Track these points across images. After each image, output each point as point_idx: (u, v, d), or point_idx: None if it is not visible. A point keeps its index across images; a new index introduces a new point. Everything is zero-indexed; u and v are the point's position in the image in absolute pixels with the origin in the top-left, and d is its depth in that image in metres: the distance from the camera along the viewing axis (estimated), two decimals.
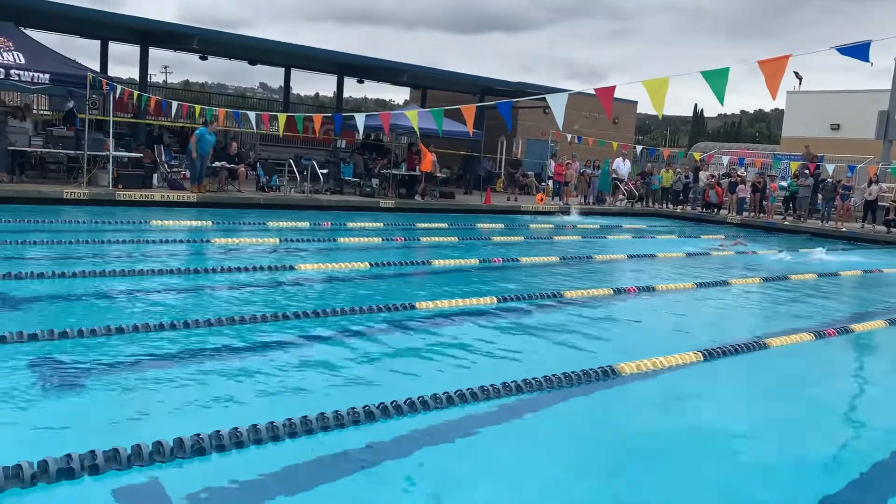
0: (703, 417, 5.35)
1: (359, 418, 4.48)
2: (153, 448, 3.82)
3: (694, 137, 77.50)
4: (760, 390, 6.21)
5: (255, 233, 13.34)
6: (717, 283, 10.87)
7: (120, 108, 18.95)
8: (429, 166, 20.32)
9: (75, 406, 4.56)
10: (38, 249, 9.74)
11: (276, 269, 9.49)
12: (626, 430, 4.98)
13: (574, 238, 16.60)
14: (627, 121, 33.03)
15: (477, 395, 5.04)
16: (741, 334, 7.75)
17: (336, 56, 23.09)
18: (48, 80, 14.99)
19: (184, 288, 8.34)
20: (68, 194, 14.67)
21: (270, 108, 29.38)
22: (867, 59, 6.03)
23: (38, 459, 3.54)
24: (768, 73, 6.35)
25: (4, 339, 5.49)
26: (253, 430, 4.12)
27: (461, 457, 4.30)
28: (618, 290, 9.79)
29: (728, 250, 15.63)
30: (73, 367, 5.16)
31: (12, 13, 16.74)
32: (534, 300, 8.77)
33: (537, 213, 21.86)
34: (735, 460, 4.58)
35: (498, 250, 13.31)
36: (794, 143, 29.84)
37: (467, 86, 26.55)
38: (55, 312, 6.77)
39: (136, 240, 11.39)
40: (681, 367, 6.28)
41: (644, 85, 7.30)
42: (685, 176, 26.09)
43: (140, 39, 20.42)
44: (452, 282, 9.90)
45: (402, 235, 14.30)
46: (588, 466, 4.38)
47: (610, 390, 5.62)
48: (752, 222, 22.87)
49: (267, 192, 18.61)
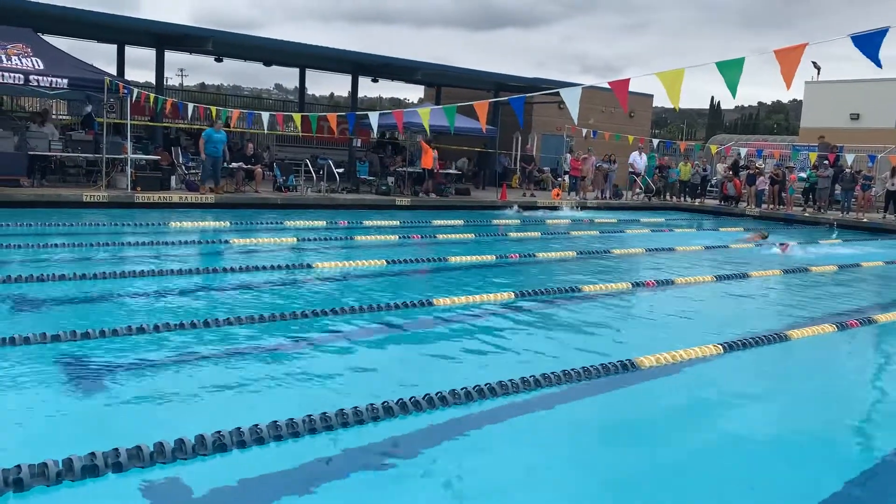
0: (724, 410, 5.31)
1: (378, 414, 4.50)
2: (175, 445, 3.85)
3: (711, 130, 76.88)
4: (782, 383, 6.16)
5: (273, 232, 13.41)
6: (737, 275, 10.79)
7: (137, 111, 19.12)
8: (430, 163, 20.25)
9: (98, 405, 4.61)
10: (59, 252, 9.85)
11: (294, 268, 9.53)
12: (646, 424, 4.96)
13: (592, 233, 16.54)
14: (643, 114, 32.82)
15: (495, 390, 5.03)
16: (762, 326, 7.69)
17: (350, 55, 23.13)
18: (66, 85, 15.14)
19: (203, 287, 8.40)
20: (88, 197, 14.82)
21: (286, 109, 29.51)
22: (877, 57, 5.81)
23: (63, 457, 3.59)
24: (784, 63, 6.28)
25: (28, 339, 5.57)
26: (273, 427, 4.14)
27: (480, 452, 4.30)
28: (636, 283, 9.74)
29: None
30: (96, 366, 5.22)
31: (31, 20, 16.94)
32: (551, 295, 8.75)
33: (549, 208, 21.80)
34: (757, 453, 4.55)
35: (515, 246, 13.29)
36: (813, 133, 29.50)
37: (481, 82, 26.49)
38: (77, 313, 6.85)
39: (155, 241, 11.49)
40: (701, 360, 6.24)
41: (659, 77, 7.24)
42: (703, 169, 25.92)
43: (155, 43, 20.57)
44: (469, 278, 9.90)
45: (418, 233, 14.31)
46: (608, 460, 4.36)
47: (629, 384, 5.60)
48: (772, 214, 22.67)
49: (284, 192, 18.70)
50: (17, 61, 14.69)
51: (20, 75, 14.48)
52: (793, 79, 6.25)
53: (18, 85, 14.67)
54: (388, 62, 23.66)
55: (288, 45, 21.96)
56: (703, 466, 4.32)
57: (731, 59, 6.74)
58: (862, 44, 5.80)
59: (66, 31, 20.41)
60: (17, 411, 4.45)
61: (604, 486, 4.03)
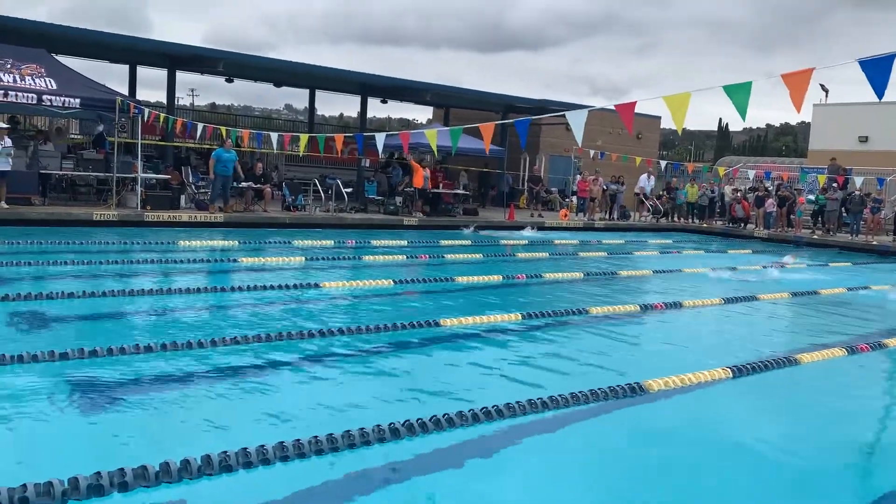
0: (733, 435, 5.26)
1: (384, 436, 4.48)
2: (181, 465, 3.85)
3: (719, 152, 76.92)
4: (791, 407, 6.11)
5: (281, 251, 13.45)
6: (745, 298, 10.74)
7: (148, 130, 19.27)
8: (420, 182, 20.25)
9: (105, 423, 4.61)
10: (68, 269, 9.90)
11: (302, 287, 9.55)
12: (655, 447, 4.92)
13: (599, 254, 16.52)
14: (651, 136, 32.90)
15: (503, 412, 5.01)
16: (770, 350, 7.64)
17: (359, 76, 23.32)
18: (78, 105, 15.30)
19: (211, 306, 8.42)
20: (98, 216, 14.91)
21: (296, 129, 29.69)
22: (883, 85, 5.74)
23: (68, 476, 3.58)
24: (793, 87, 6.29)
25: (36, 357, 5.58)
26: (279, 448, 4.13)
27: (486, 475, 4.27)
28: (644, 306, 9.71)
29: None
30: (103, 385, 5.23)
31: (44, 41, 17.18)
32: (558, 316, 8.73)
33: (557, 228, 21.79)
34: (766, 478, 4.50)
35: (522, 267, 13.28)
36: (822, 156, 29.48)
37: (490, 104, 26.64)
38: (85, 331, 6.87)
39: (164, 260, 11.55)
40: (709, 384, 6.20)
41: (665, 100, 7.26)
42: (710, 191, 25.91)
43: (167, 63, 20.79)
44: (476, 298, 9.89)
45: (425, 252, 14.33)
46: (615, 484, 4.32)
47: (638, 407, 5.57)
48: (780, 236, 22.60)
49: (292, 212, 18.78)
50: (31, 81, 14.87)
51: (33, 95, 14.66)
52: (802, 102, 6.25)
53: (32, 104, 14.85)
54: (397, 83, 23.85)
55: (298, 67, 22.16)
56: (711, 492, 4.28)
57: (738, 84, 6.76)
58: (869, 69, 5.80)
59: (80, 52, 20.68)
60: (23, 429, 4.46)
61: None
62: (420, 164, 20.54)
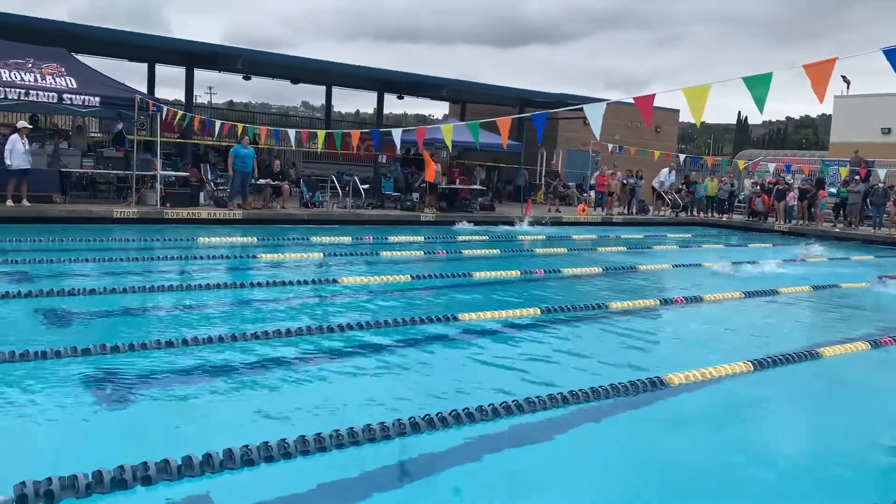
0: (754, 429, 5.21)
1: (405, 430, 4.48)
2: (203, 459, 3.87)
3: (738, 145, 76.24)
4: (815, 401, 6.05)
5: (300, 248, 13.50)
6: (766, 292, 10.63)
7: (167, 128, 19.41)
8: (432, 176, 20.16)
9: (127, 418, 4.65)
10: (89, 267, 10.00)
11: (320, 283, 9.57)
12: (675, 442, 4.88)
13: (618, 249, 16.42)
14: (670, 130, 32.65)
15: (522, 407, 4.99)
16: (793, 343, 7.56)
17: (376, 73, 23.32)
18: (98, 104, 15.43)
19: (231, 302, 8.47)
20: (118, 213, 15.04)
21: (313, 126, 29.77)
22: None
23: (92, 470, 3.61)
24: (814, 78, 6.20)
25: (59, 353, 5.64)
26: (301, 442, 4.15)
27: (507, 470, 4.26)
28: (664, 300, 9.64)
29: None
30: (125, 380, 5.27)
31: (65, 40, 17.33)
32: (577, 311, 8.69)
33: (575, 224, 21.70)
34: (789, 473, 4.46)
35: (540, 261, 13.23)
36: (843, 148, 29.12)
37: (507, 98, 26.55)
38: (107, 327, 6.93)
39: (184, 256, 11.62)
40: (731, 378, 6.15)
41: (684, 93, 7.18)
42: (730, 184, 25.70)
43: (185, 61, 20.90)
44: (494, 293, 9.87)
45: (443, 248, 14.32)
46: (636, 479, 4.29)
47: (658, 401, 5.53)
48: (801, 230, 22.36)
49: (310, 208, 18.84)
50: (52, 80, 15.01)
51: (54, 94, 14.79)
52: (825, 93, 6.16)
53: (52, 103, 14.99)
54: (414, 79, 23.83)
55: (315, 63, 22.20)
56: (732, 487, 4.24)
57: (758, 75, 6.67)
58: (894, 58, 5.70)
59: (99, 51, 20.83)
60: (47, 424, 4.51)
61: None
62: (433, 159, 20.48)
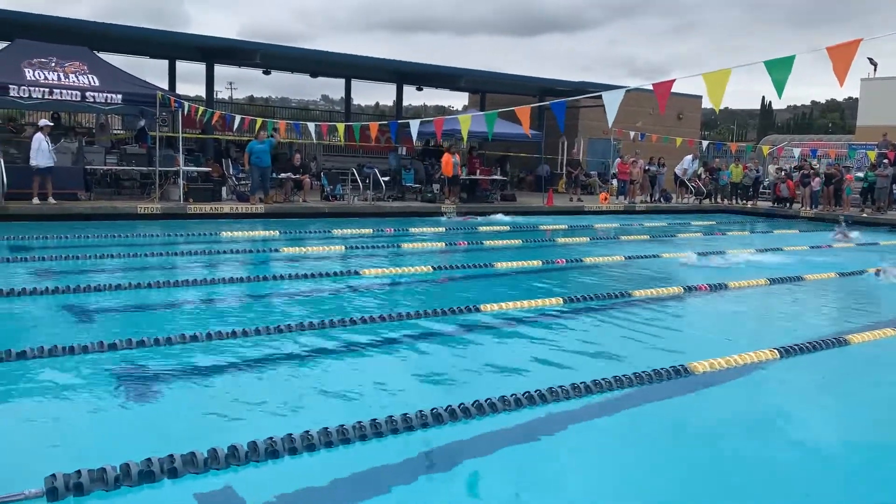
0: (780, 418, 5.15)
1: (427, 421, 4.49)
2: (228, 451, 3.90)
3: (762, 131, 75.23)
4: (842, 389, 5.96)
5: (322, 240, 13.56)
6: (791, 278, 10.50)
7: (188, 124, 19.56)
8: (449, 170, 20.08)
9: (153, 411, 4.71)
10: (114, 262, 10.12)
11: (342, 275, 9.61)
12: (700, 431, 4.84)
13: (641, 237, 16.31)
14: (692, 116, 32.28)
15: (545, 396, 4.98)
16: (819, 330, 7.47)
17: (394, 64, 23.31)
18: (121, 101, 15.58)
19: (254, 295, 8.53)
20: (142, 209, 15.21)
21: (333, 119, 29.86)
22: None
23: (120, 463, 3.66)
24: (837, 60, 6.09)
25: (86, 348, 5.72)
26: (324, 434, 4.17)
27: (529, 460, 4.25)
28: (688, 287, 9.56)
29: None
30: (151, 374, 5.33)
31: (86, 38, 17.51)
32: (600, 300, 8.64)
33: (597, 212, 21.58)
34: (816, 462, 4.41)
35: (562, 251, 13.17)
36: (870, 132, 28.60)
37: (526, 88, 26.42)
38: (132, 322, 7.01)
39: (207, 251, 11.72)
40: (756, 366, 6.08)
41: (704, 78, 7.10)
42: (755, 170, 25.39)
43: (205, 57, 21.04)
44: (516, 283, 9.85)
45: (464, 239, 14.31)
46: (660, 468, 4.27)
47: (683, 390, 5.48)
48: (827, 216, 22.04)
49: (331, 201, 18.91)
50: (75, 78, 15.18)
51: (77, 92, 14.96)
52: (846, 76, 6.05)
53: (75, 101, 15.17)
54: (432, 70, 23.79)
55: (333, 56, 22.24)
56: (758, 476, 4.19)
57: (780, 58, 6.57)
58: None
59: (121, 49, 21.04)
60: (76, 418, 4.58)
61: (655, 495, 3.94)
62: (449, 151, 20.42)
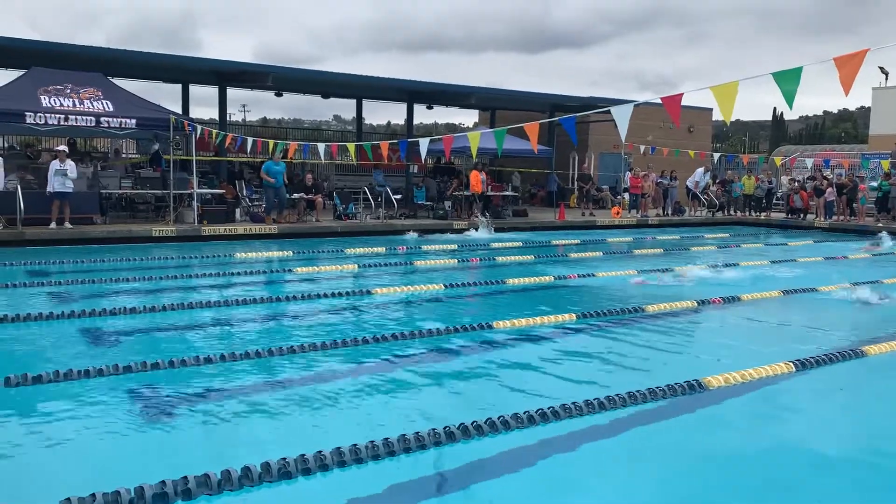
0: (797, 432, 5.11)
1: (440, 440, 4.49)
2: (242, 472, 3.91)
3: (774, 142, 74.92)
4: (860, 402, 5.90)
5: (334, 260, 13.61)
6: (806, 290, 10.42)
7: (202, 146, 19.75)
8: (478, 187, 20.45)
9: (168, 433, 4.73)
10: (130, 285, 10.20)
11: (355, 294, 9.64)
12: (715, 446, 4.81)
13: (654, 251, 16.25)
14: (703, 129, 32.23)
15: (559, 413, 4.96)
16: (835, 342, 7.40)
17: (404, 84, 23.47)
18: (135, 125, 15.77)
19: (268, 316, 8.57)
20: (157, 232, 15.34)
21: (345, 139, 30.04)
22: None
23: (134, 486, 3.68)
24: (843, 70, 6.08)
25: (101, 371, 5.76)
26: (337, 454, 4.17)
27: (543, 477, 4.23)
28: (702, 301, 9.51)
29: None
30: (165, 396, 5.36)
31: (101, 65, 17.78)
32: (613, 315, 8.61)
33: (610, 227, 21.53)
34: (833, 478, 4.36)
35: (574, 266, 13.14)
36: (883, 140, 28.45)
37: (536, 104, 26.50)
38: (147, 344, 7.06)
39: (222, 272, 11.79)
40: (772, 380, 6.03)
41: (712, 91, 7.11)
42: (768, 181, 25.28)
43: (218, 80, 21.28)
44: (529, 299, 9.83)
45: (476, 255, 14.31)
46: (675, 485, 4.23)
47: (697, 405, 5.45)
48: (842, 226, 21.89)
49: (344, 220, 19.00)
50: (90, 104, 15.39)
51: (92, 118, 15.16)
52: (851, 86, 6.04)
53: (90, 127, 15.37)
54: (442, 88, 23.93)
55: (344, 77, 22.43)
56: (774, 492, 4.16)
57: (788, 70, 6.57)
58: None
59: (134, 74, 21.33)
60: (90, 441, 4.60)
61: None
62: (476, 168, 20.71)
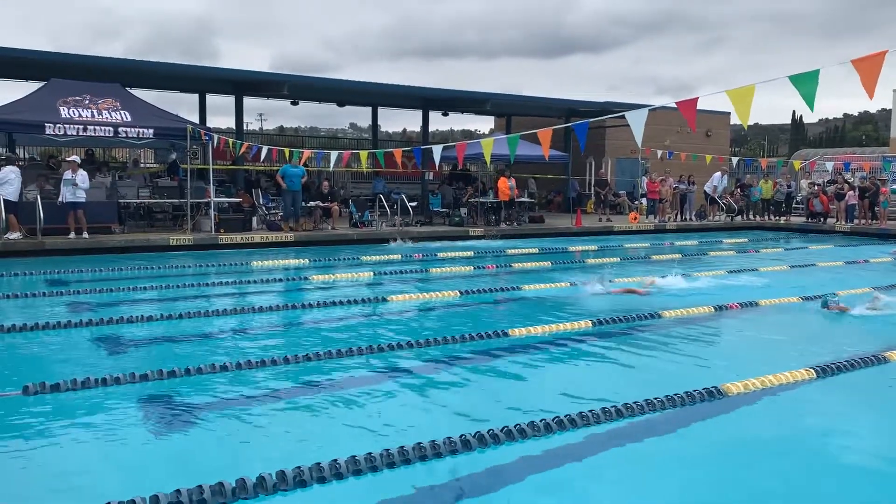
0: (817, 440, 5.02)
1: (456, 448, 4.45)
2: (257, 481, 3.91)
3: (794, 145, 74.31)
4: (882, 409, 5.80)
5: (350, 267, 13.63)
6: (825, 294, 10.26)
7: (219, 155, 19.90)
8: (507, 194, 20.41)
9: (183, 441, 4.73)
10: (147, 294, 10.26)
11: (372, 302, 9.64)
12: (734, 454, 4.73)
13: (672, 256, 16.13)
14: (721, 133, 32.03)
15: (576, 421, 4.92)
16: (856, 348, 7.28)
17: (419, 91, 23.52)
18: (152, 135, 15.93)
19: (285, 324, 8.59)
20: (174, 241, 15.44)
21: (360, 146, 30.14)
22: None
23: (150, 494, 3.68)
24: (864, 72, 6.01)
25: (118, 380, 5.79)
26: (352, 462, 4.15)
27: (559, 486, 4.19)
28: (719, 307, 9.41)
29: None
30: (182, 404, 5.38)
31: (119, 76, 17.98)
32: (630, 322, 8.54)
33: (627, 232, 21.41)
34: (856, 486, 4.27)
35: (591, 273, 13.07)
36: None
37: (551, 109, 26.46)
38: (164, 353, 7.08)
39: (239, 280, 11.85)
40: (792, 386, 5.95)
41: (728, 94, 7.05)
42: (787, 185, 25.05)
43: (234, 90, 21.44)
44: (544, 306, 9.78)
45: (492, 262, 14.28)
46: (694, 492, 4.17)
47: (716, 412, 5.38)
48: (863, 230, 21.62)
49: (360, 228, 19.04)
50: (108, 115, 15.56)
51: (110, 128, 15.33)
52: (875, 88, 5.96)
53: (109, 137, 15.55)
54: (457, 95, 23.95)
55: (360, 85, 22.52)
56: (795, 499, 4.08)
57: (805, 72, 6.50)
58: None
59: (152, 84, 21.57)
60: (107, 449, 4.62)
61: None
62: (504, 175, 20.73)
